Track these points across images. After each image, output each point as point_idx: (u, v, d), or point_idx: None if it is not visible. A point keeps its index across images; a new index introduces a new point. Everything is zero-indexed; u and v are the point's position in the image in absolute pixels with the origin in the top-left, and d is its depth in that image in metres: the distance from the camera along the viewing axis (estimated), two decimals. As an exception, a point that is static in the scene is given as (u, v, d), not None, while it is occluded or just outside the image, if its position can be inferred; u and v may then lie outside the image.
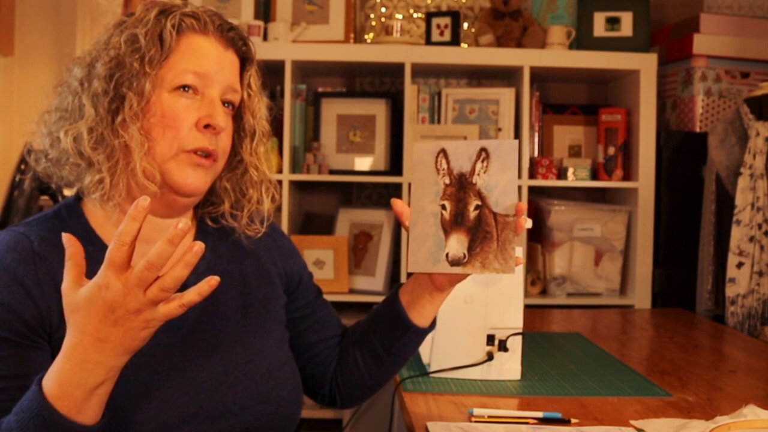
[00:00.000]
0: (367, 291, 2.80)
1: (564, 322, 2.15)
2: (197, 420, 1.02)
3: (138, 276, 0.82)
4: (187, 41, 1.06)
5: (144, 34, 1.04)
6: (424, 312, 1.21)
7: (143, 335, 0.86)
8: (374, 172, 2.87)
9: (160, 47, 1.04)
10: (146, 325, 0.85)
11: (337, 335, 1.31)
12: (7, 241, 1.03)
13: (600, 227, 2.80)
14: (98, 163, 1.03)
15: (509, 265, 1.08)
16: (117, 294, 0.83)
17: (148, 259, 0.82)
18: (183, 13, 1.07)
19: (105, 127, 1.03)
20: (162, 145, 1.04)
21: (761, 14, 3.02)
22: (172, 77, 1.05)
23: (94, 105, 1.03)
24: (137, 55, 1.03)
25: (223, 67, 1.09)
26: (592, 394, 1.39)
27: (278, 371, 1.13)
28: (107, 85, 1.03)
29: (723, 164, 2.39)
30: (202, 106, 1.06)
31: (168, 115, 1.04)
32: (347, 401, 1.31)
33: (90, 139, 1.03)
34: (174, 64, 1.05)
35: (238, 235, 1.19)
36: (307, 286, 1.29)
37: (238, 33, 1.12)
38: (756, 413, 1.22)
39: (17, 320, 0.97)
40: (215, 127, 1.06)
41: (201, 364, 1.06)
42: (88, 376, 0.85)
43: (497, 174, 1.09)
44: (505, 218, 1.08)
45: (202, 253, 0.83)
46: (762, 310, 2.24)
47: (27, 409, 0.87)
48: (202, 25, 1.08)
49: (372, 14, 3.10)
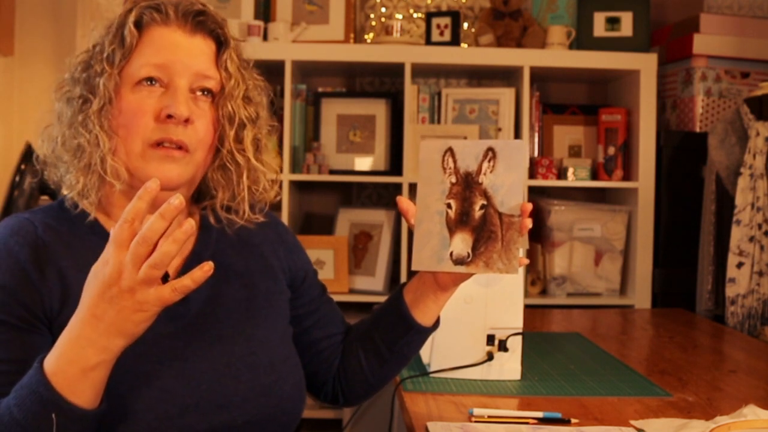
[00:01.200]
0: (367, 291, 2.80)
1: (564, 322, 2.15)
2: (198, 410, 1.02)
3: (132, 252, 0.82)
4: (149, 35, 1.06)
5: (106, 34, 1.06)
6: (427, 311, 1.21)
7: (137, 318, 0.86)
8: (374, 172, 2.87)
9: (122, 45, 1.04)
10: (139, 308, 0.85)
11: (340, 333, 1.31)
12: (11, 225, 1.03)
13: (600, 227, 2.80)
14: (66, 162, 1.05)
15: (513, 265, 1.08)
16: (114, 270, 0.83)
17: (140, 234, 0.82)
18: (144, 7, 1.06)
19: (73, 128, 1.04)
20: (128, 142, 1.04)
21: (761, 14, 3.02)
22: (133, 72, 1.05)
23: (70, 107, 1.06)
24: (100, 57, 1.04)
25: (189, 54, 1.06)
26: (592, 394, 1.39)
27: (281, 365, 1.13)
28: (79, 88, 1.05)
29: (723, 164, 2.39)
30: (162, 97, 1.05)
31: (128, 110, 1.04)
32: (349, 399, 1.31)
33: (61, 141, 1.05)
34: (134, 60, 1.05)
35: (239, 228, 1.18)
36: (312, 283, 1.29)
37: (210, 17, 1.09)
38: (756, 413, 1.22)
39: (18, 304, 0.97)
40: (175, 116, 1.03)
41: (203, 354, 1.06)
42: (81, 353, 0.86)
43: (503, 174, 1.09)
44: (510, 218, 1.08)
45: (192, 232, 0.83)
46: (762, 310, 2.24)
47: (26, 385, 0.88)
48: (164, 16, 1.06)
49: (372, 14, 3.10)
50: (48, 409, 0.86)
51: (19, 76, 2.81)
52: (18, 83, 2.80)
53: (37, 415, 0.86)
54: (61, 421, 0.86)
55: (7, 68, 2.78)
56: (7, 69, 2.78)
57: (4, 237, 1.02)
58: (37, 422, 0.86)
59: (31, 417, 0.86)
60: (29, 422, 0.86)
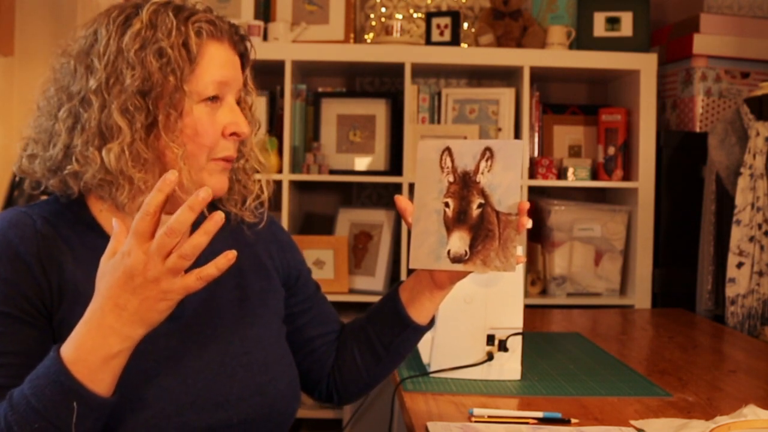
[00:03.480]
0: (367, 291, 2.80)
1: (564, 322, 2.15)
2: (195, 409, 1.03)
3: (158, 243, 0.84)
4: (207, 49, 1.06)
5: (170, 45, 1.02)
6: (423, 309, 1.21)
7: (161, 307, 0.88)
8: (374, 172, 2.87)
9: (189, 59, 1.03)
10: (164, 297, 0.87)
11: (335, 331, 1.31)
12: (9, 218, 1.03)
13: (600, 227, 2.80)
14: (139, 181, 1.02)
15: (510, 263, 1.08)
16: (137, 262, 0.85)
17: (168, 225, 0.84)
18: (203, 20, 1.06)
19: (142, 143, 1.02)
20: (195, 156, 1.05)
21: (761, 14, 3.01)
22: (201, 89, 1.05)
23: (128, 122, 1.01)
24: (168, 69, 1.02)
25: (236, 71, 1.10)
26: (592, 394, 1.39)
27: (275, 364, 1.14)
28: (139, 102, 1.01)
29: (723, 164, 2.39)
30: (224, 114, 1.08)
31: (199, 127, 1.05)
32: (344, 397, 1.32)
33: (130, 157, 1.01)
34: (200, 75, 1.05)
35: (234, 226, 1.19)
36: (306, 281, 1.30)
37: (241, 35, 1.13)
38: (756, 413, 1.22)
39: (20, 296, 0.97)
40: (242, 135, 1.09)
41: (198, 353, 1.06)
42: (104, 342, 0.88)
43: (501, 173, 1.10)
44: (508, 217, 1.09)
45: (222, 223, 0.86)
46: (762, 310, 2.24)
47: (43, 375, 0.88)
48: (219, 31, 1.07)
49: (372, 14, 3.10)
50: (69, 397, 0.87)
51: (19, 76, 2.81)
52: (18, 83, 2.80)
53: (57, 404, 0.87)
54: (81, 410, 0.87)
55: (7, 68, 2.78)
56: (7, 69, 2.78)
57: (3, 229, 1.01)
58: (57, 411, 0.87)
59: (51, 406, 0.87)
60: (49, 411, 0.87)
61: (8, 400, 0.89)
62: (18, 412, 0.87)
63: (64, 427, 0.87)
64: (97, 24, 1.06)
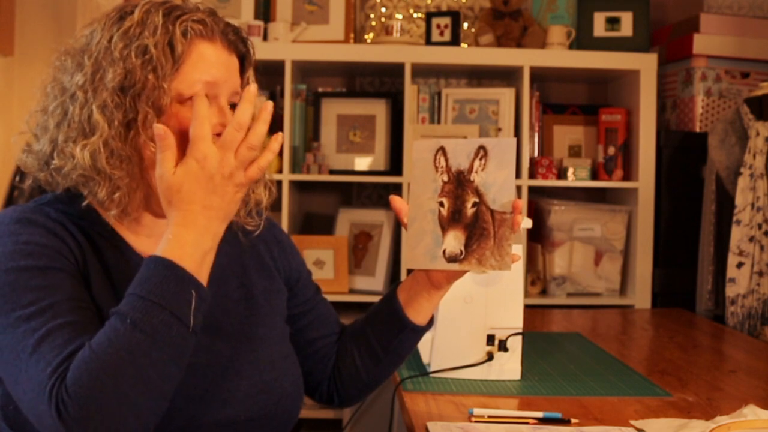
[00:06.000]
0: (367, 291, 2.80)
1: (564, 322, 2.15)
2: (204, 403, 1.03)
3: (229, 138, 0.95)
4: (195, 49, 1.04)
5: (154, 44, 1.01)
6: (421, 310, 1.21)
7: (236, 199, 0.98)
8: (374, 172, 2.87)
9: (172, 58, 1.02)
10: (237, 189, 0.97)
11: (335, 332, 1.31)
12: (23, 208, 1.04)
13: (600, 227, 2.80)
14: (117, 179, 1.01)
15: (506, 262, 1.08)
16: (215, 161, 0.95)
17: (234, 119, 0.95)
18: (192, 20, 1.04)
19: (120, 141, 1.01)
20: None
21: (761, 14, 3.01)
22: (184, 88, 1.03)
23: (107, 118, 1.00)
24: (150, 67, 1.00)
25: (229, 72, 1.07)
26: (592, 394, 1.39)
27: (281, 362, 1.14)
28: (119, 99, 1.00)
29: (723, 164, 2.39)
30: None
31: (181, 127, 1.02)
32: (344, 399, 1.32)
33: (106, 155, 1.00)
34: (185, 75, 1.03)
35: (235, 231, 1.19)
36: (307, 283, 1.30)
37: (239, 35, 1.11)
38: (756, 413, 1.22)
39: (62, 256, 0.99)
40: None
41: (207, 350, 1.06)
42: (201, 239, 0.95)
43: (495, 172, 1.10)
44: (503, 215, 1.09)
45: (272, 110, 0.98)
46: (762, 310, 2.24)
47: (153, 275, 0.92)
48: (210, 31, 1.05)
49: (372, 14, 3.10)
50: (188, 287, 0.92)
51: (19, 76, 2.80)
52: (18, 83, 2.80)
53: (177, 295, 0.91)
54: (196, 300, 0.93)
55: (7, 68, 2.78)
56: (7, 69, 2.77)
57: (19, 210, 1.02)
58: (178, 301, 0.91)
59: (172, 297, 0.91)
60: (171, 303, 0.90)
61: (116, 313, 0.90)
62: (139, 310, 0.89)
63: (184, 318, 0.91)
64: (96, 23, 1.07)
